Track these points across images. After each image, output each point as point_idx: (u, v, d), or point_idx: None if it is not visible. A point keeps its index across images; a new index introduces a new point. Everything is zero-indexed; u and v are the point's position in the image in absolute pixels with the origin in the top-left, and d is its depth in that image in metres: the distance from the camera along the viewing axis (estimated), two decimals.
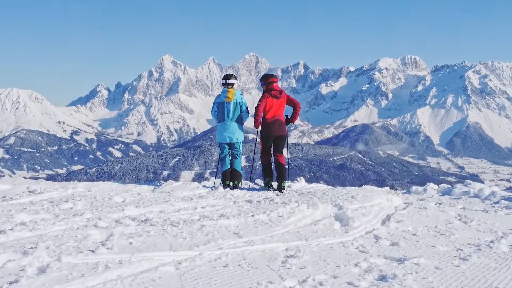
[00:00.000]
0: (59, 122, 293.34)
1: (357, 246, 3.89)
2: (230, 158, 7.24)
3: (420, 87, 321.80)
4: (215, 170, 8.09)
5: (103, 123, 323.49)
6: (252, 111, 7.18)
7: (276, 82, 7.12)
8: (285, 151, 7.26)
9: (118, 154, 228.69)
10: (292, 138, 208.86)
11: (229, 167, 7.19)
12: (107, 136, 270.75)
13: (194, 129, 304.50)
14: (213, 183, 7.52)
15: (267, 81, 7.08)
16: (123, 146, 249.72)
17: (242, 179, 7.68)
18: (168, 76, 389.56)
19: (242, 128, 7.28)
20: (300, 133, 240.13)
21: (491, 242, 4.22)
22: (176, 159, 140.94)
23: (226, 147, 7.19)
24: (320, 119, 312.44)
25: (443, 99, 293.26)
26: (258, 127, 7.11)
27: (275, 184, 7.03)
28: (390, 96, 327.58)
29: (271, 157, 7.22)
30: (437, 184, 8.72)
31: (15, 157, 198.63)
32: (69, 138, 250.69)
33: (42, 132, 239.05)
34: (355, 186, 8.72)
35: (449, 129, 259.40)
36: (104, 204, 5.17)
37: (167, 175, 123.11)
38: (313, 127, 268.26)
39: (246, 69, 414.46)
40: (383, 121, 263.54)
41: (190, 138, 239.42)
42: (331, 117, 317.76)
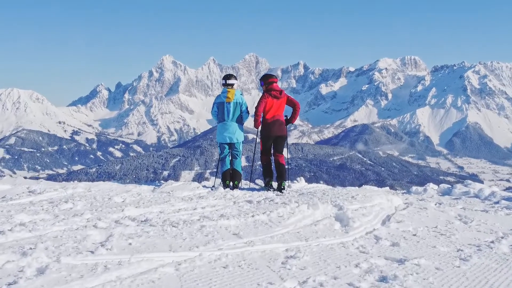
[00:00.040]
0: (60, 122, 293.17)
1: (358, 247, 3.88)
2: (230, 158, 7.23)
3: (420, 87, 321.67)
4: (215, 170, 8.08)
5: (104, 123, 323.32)
6: (252, 111, 7.18)
7: (276, 82, 7.11)
8: (285, 151, 7.25)
9: (119, 154, 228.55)
10: (292, 138, 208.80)
11: (229, 167, 7.19)
12: (108, 136, 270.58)
13: (194, 129, 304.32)
14: (213, 183, 7.51)
15: (267, 81, 7.07)
16: (124, 146, 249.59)
17: (242, 179, 7.67)
18: (168, 76, 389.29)
19: (242, 128, 7.27)
20: (300, 133, 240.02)
21: (492, 243, 4.21)
22: (176, 159, 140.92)
23: (226, 147, 7.19)
24: (320, 119, 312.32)
25: (443, 99, 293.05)
26: (258, 127, 7.10)
27: (275, 184, 7.03)
28: (390, 96, 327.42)
29: (271, 157, 7.21)
30: (437, 184, 8.70)
31: (16, 157, 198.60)
32: (70, 138, 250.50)
33: (43, 132, 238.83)
34: (355, 186, 8.71)
35: (449, 129, 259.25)
36: (104, 205, 5.16)
37: (167, 175, 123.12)
38: (313, 127, 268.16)
39: (246, 69, 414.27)
40: (383, 121, 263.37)
41: (190, 138, 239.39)
42: (331, 117, 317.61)
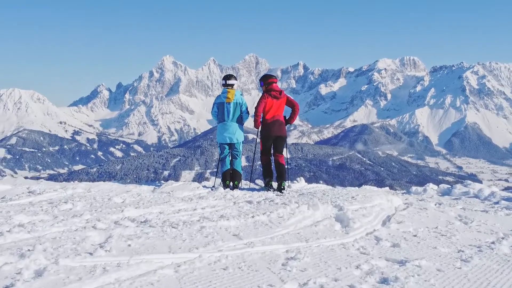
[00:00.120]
0: (61, 122, 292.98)
1: (358, 248, 3.85)
2: (230, 159, 7.22)
3: (419, 88, 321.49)
4: (216, 170, 8.07)
5: (104, 123, 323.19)
6: (252, 112, 7.16)
7: (276, 83, 7.11)
8: (285, 151, 7.23)
9: (119, 154, 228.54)
10: (292, 138, 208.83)
11: (229, 168, 7.18)
12: (108, 136, 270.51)
13: (195, 129, 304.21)
14: (213, 183, 7.50)
15: (267, 82, 7.06)
16: (124, 146, 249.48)
17: (242, 179, 7.66)
18: (169, 77, 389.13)
19: (242, 129, 7.26)
20: (300, 133, 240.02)
21: (492, 243, 4.19)
22: (177, 159, 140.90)
23: (226, 148, 7.18)
24: (320, 119, 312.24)
25: (442, 100, 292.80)
26: (258, 128, 7.08)
27: (275, 184, 7.01)
28: (389, 97, 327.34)
29: (271, 157, 7.20)
30: (436, 184, 8.70)
31: (17, 157, 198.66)
32: (71, 138, 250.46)
33: (44, 132, 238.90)
34: (354, 186, 8.70)
35: (448, 129, 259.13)
36: (104, 205, 5.13)
37: (168, 175, 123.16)
38: (313, 127, 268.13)
39: (246, 70, 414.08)
40: (382, 121, 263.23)
41: (191, 138, 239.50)
42: (331, 117, 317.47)
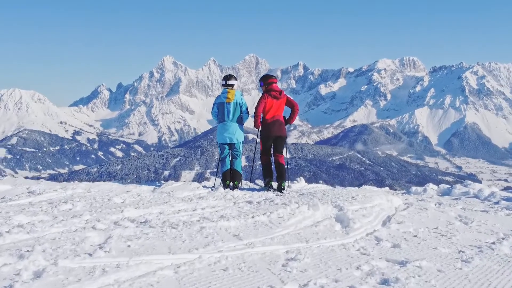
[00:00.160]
0: (61, 122, 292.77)
1: (358, 248, 3.84)
2: (230, 159, 7.21)
3: (418, 88, 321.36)
4: (216, 170, 8.06)
5: (105, 123, 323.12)
6: (252, 112, 7.15)
7: (276, 83, 7.10)
8: (285, 151, 7.23)
9: (120, 154, 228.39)
10: (292, 138, 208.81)
11: (229, 168, 7.17)
12: (109, 136, 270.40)
13: (195, 129, 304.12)
14: (214, 183, 7.49)
15: (267, 82, 7.06)
16: (125, 146, 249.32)
17: (242, 179, 7.66)
18: (169, 77, 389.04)
19: (242, 129, 7.26)
20: (300, 133, 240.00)
21: (493, 244, 4.18)
22: (177, 159, 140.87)
23: (226, 148, 7.17)
24: (320, 120, 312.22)
25: (441, 100, 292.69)
26: (258, 128, 7.07)
27: (275, 185, 7.01)
28: (389, 97, 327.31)
29: (271, 157, 7.19)
30: (436, 184, 8.70)
31: (18, 157, 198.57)
32: (71, 138, 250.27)
33: (44, 132, 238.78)
34: (354, 186, 8.70)
35: (447, 129, 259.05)
36: (104, 205, 5.11)
37: (168, 175, 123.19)
38: (313, 127, 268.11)
39: (246, 70, 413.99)
40: (382, 122, 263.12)
41: (191, 138, 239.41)
42: (330, 118, 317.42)
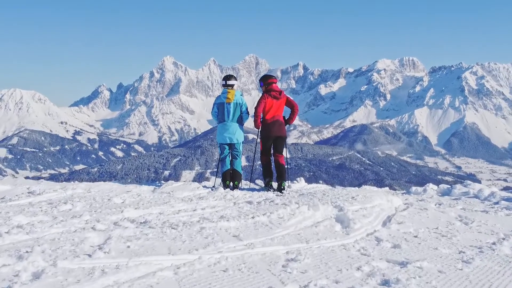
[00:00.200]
0: (62, 122, 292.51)
1: (359, 249, 3.83)
2: (230, 159, 7.21)
3: (418, 88, 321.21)
4: (216, 170, 8.05)
5: (105, 123, 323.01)
6: (252, 112, 7.14)
7: (276, 83, 7.09)
8: (285, 151, 7.21)
9: (120, 154, 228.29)
10: (292, 138, 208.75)
11: (229, 168, 7.16)
12: (109, 136, 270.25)
13: (195, 129, 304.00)
14: (214, 183, 7.49)
15: (267, 82, 7.05)
16: (125, 146, 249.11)
17: (242, 179, 7.65)
18: (169, 77, 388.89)
19: (243, 129, 7.25)
20: (300, 133, 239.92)
21: (493, 244, 4.17)
22: (177, 159, 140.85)
23: (226, 148, 7.16)
24: (319, 120, 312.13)
25: (441, 100, 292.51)
26: (259, 128, 7.06)
27: (275, 185, 6.99)
28: (388, 97, 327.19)
29: (271, 158, 7.18)
30: (435, 184, 8.70)
31: (18, 157, 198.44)
32: (72, 138, 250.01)
33: (45, 132, 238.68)
34: (354, 186, 8.70)
35: (447, 129, 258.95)
36: (103, 206, 5.09)
37: (168, 175, 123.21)
38: (312, 127, 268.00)
39: (246, 70, 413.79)
40: (382, 122, 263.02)
41: (191, 138, 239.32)
42: (330, 118, 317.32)
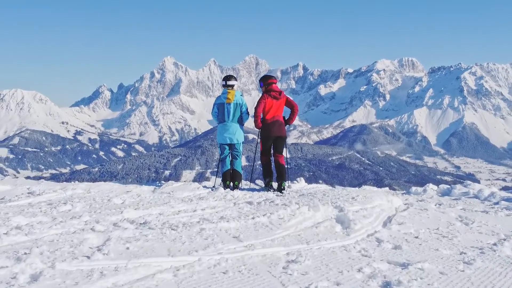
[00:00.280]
0: (63, 123, 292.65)
1: (359, 250, 3.80)
2: (231, 159, 7.20)
3: (417, 88, 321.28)
4: (216, 170, 8.04)
5: (106, 124, 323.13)
6: (252, 112, 7.13)
7: (275, 83, 7.08)
8: (285, 151, 7.20)
9: (121, 154, 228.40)
10: (292, 138, 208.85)
11: (230, 168, 7.15)
12: (110, 136, 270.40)
13: (195, 129, 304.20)
14: (214, 183, 7.48)
15: (266, 82, 7.04)
16: (126, 146, 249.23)
17: (243, 179, 7.65)
18: (170, 78, 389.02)
19: (243, 129, 7.24)
20: (299, 133, 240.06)
21: (494, 245, 4.14)
22: (178, 159, 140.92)
23: (227, 148, 7.15)
24: (319, 120, 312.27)
25: (440, 100, 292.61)
26: (260, 128, 7.04)
27: (275, 185, 6.98)
28: (388, 97, 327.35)
29: (271, 158, 7.16)
30: (434, 183, 8.72)
31: (20, 157, 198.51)
32: (73, 138, 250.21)
33: (46, 132, 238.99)
34: (353, 185, 8.70)
35: (446, 130, 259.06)
36: (103, 206, 5.06)
37: (169, 175, 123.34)
38: (312, 128, 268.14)
39: (246, 71, 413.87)
40: (381, 122, 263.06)
41: (191, 138, 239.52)
42: (330, 118, 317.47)
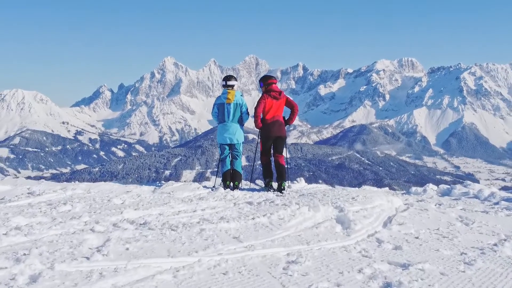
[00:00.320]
0: (63, 123, 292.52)
1: (360, 251, 3.79)
2: (231, 159, 7.19)
3: (417, 88, 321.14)
4: (216, 170, 8.04)
5: (106, 124, 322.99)
6: (252, 112, 7.12)
7: (275, 83, 7.07)
8: (285, 151, 7.19)
9: (121, 154, 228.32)
10: (291, 138, 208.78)
11: (230, 168, 7.15)
12: (110, 136, 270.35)
13: (196, 129, 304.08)
14: (214, 183, 7.47)
15: (266, 82, 7.03)
16: (126, 146, 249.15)
17: (243, 179, 7.64)
18: (170, 78, 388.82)
19: (243, 129, 7.23)
20: (299, 133, 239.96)
21: (495, 245, 4.14)
22: (178, 159, 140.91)
23: (227, 148, 7.14)
24: (319, 120, 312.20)
25: (439, 100, 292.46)
26: (260, 128, 7.03)
27: (275, 185, 6.97)
28: (387, 97, 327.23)
29: (271, 158, 7.15)
30: (434, 183, 8.73)
31: (20, 157, 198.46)
32: (73, 138, 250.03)
33: (47, 132, 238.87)
34: (353, 185, 8.71)
35: (445, 130, 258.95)
36: (103, 207, 5.04)
37: (169, 175, 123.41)
38: (312, 128, 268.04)
39: (246, 71, 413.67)
40: (381, 122, 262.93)
41: (192, 138, 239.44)
42: (330, 118, 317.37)
